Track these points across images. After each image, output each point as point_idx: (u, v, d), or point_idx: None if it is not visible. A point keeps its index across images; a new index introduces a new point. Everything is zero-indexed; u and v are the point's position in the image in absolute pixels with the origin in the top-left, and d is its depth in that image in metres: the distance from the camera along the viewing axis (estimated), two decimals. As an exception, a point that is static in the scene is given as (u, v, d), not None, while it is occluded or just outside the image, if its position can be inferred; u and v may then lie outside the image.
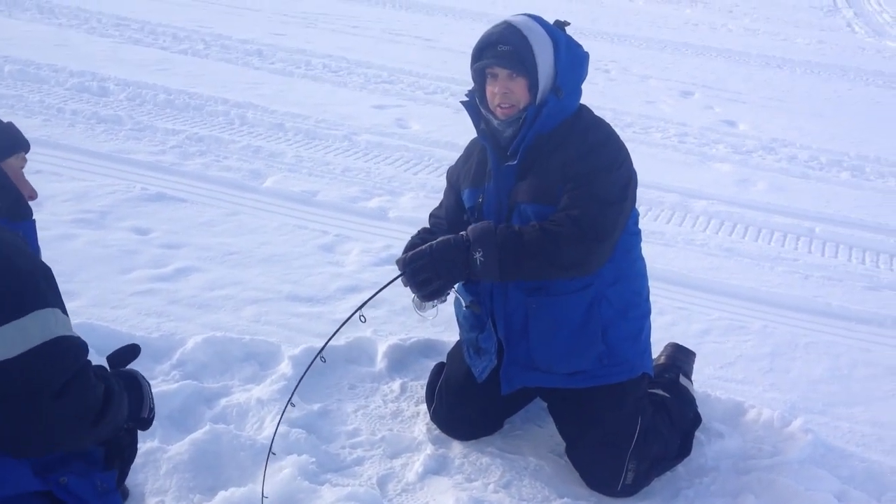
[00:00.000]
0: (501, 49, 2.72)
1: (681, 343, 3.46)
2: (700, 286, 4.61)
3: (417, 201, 5.30)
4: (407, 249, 2.84)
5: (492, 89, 2.79)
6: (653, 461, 2.93)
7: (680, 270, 4.77)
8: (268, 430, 2.99)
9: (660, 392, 3.13)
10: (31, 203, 2.36)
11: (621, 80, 9.60)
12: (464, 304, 2.92)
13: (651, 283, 4.29)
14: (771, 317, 4.31)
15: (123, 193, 4.99)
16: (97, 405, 2.00)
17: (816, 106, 9.29)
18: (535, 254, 2.63)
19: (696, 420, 3.16)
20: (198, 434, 2.88)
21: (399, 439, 3.09)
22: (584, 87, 2.90)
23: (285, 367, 3.32)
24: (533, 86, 2.74)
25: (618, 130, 2.94)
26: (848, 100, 9.80)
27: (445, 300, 2.81)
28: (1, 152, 2.28)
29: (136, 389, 2.27)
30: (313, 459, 2.86)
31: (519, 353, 2.91)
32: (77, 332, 2.05)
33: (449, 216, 3.08)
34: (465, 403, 3.04)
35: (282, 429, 2.97)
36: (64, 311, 2.02)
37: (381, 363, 3.50)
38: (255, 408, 3.12)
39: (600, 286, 2.82)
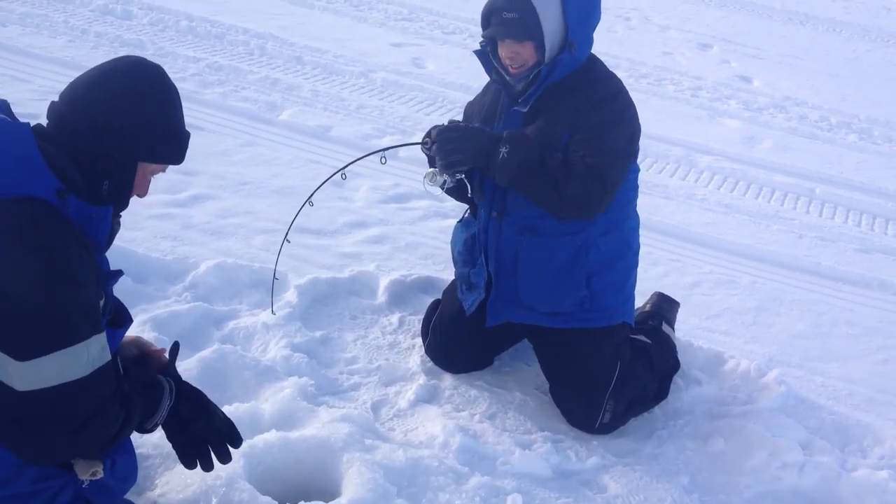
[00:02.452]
0: (506, 16, 2.81)
1: (669, 293, 3.62)
2: (695, 240, 4.76)
3: (428, 142, 5.43)
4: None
5: (501, 52, 2.90)
6: (630, 403, 3.13)
7: (678, 223, 4.91)
8: (272, 353, 3.19)
9: (642, 338, 3.30)
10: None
11: (641, 30, 9.61)
12: (469, 191, 3.04)
13: (648, 234, 4.45)
14: (761, 273, 4.47)
15: (143, 119, 5.12)
16: (113, 432, 2.00)
17: (833, 65, 9.30)
18: (548, 176, 2.82)
19: (674, 366, 3.34)
20: (206, 352, 3.08)
21: (394, 369, 3.29)
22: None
23: (291, 296, 3.51)
24: (540, 46, 2.83)
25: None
26: (866, 61, 9.78)
27: (454, 182, 2.97)
28: (157, 156, 2.07)
29: (153, 400, 2.19)
30: (312, 382, 3.06)
31: (506, 288, 3.08)
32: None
33: None
34: (457, 338, 3.22)
35: (284, 352, 3.19)
36: (102, 327, 1.95)
37: (381, 297, 3.68)
38: (260, 331, 3.32)
39: (591, 234, 2.98)
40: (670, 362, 3.33)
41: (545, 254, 2.99)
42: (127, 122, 1.99)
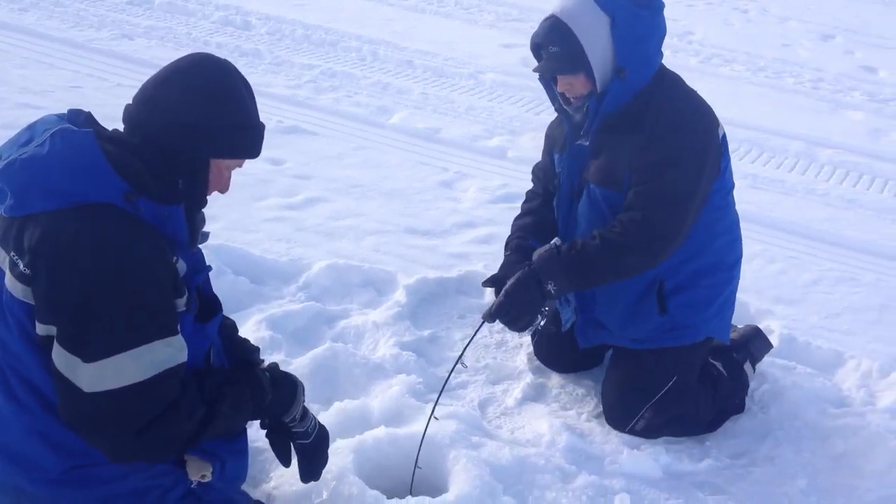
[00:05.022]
0: (551, 51, 2.70)
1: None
2: (815, 236, 4.61)
3: (536, 142, 5.31)
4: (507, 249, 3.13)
5: (557, 84, 2.80)
6: (670, 419, 2.98)
7: (796, 220, 4.77)
8: (382, 351, 3.25)
9: (719, 367, 3.13)
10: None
11: (759, 21, 9.32)
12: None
13: (764, 231, 4.33)
14: (885, 270, 4.29)
15: (260, 125, 5.30)
16: (187, 432, 1.96)
17: (968, 52, 8.81)
18: (601, 268, 2.75)
19: (738, 407, 3.14)
20: (318, 350, 3.16)
21: (501, 367, 3.30)
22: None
23: (400, 295, 3.57)
24: (591, 76, 2.70)
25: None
26: None
27: (544, 318, 2.89)
28: (228, 151, 2.04)
29: (288, 391, 2.25)
30: (420, 380, 3.10)
31: (591, 314, 3.05)
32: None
33: (545, 176, 3.19)
34: (561, 341, 3.19)
35: (393, 350, 3.26)
36: (174, 329, 1.93)
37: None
38: (370, 330, 3.38)
39: (663, 267, 2.83)
40: (735, 402, 3.14)
41: (616, 292, 2.91)
42: (194, 118, 1.96)
